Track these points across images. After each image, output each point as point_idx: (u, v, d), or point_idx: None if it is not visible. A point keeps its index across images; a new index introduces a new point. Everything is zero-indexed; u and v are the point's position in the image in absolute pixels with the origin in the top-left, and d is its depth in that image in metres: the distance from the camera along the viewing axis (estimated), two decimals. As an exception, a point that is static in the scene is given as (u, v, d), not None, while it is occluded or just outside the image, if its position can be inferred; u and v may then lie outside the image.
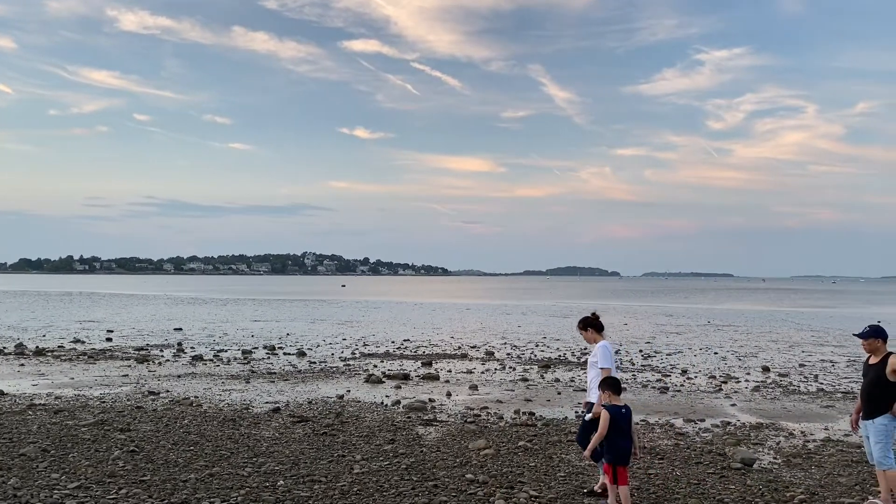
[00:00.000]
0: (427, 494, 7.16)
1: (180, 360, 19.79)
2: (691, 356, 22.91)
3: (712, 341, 28.58)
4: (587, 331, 7.69)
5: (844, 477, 8.23)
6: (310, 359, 20.54)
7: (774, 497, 7.31)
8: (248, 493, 7.13)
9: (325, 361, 19.91)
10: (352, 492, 7.22)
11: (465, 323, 38.74)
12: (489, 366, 19.47)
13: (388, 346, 24.97)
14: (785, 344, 27.78)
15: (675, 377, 17.69)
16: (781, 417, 12.32)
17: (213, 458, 8.55)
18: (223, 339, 26.73)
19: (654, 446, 9.73)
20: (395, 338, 28.22)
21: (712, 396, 14.70)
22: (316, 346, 24.28)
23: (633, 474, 8.12)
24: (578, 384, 16.10)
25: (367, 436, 10.04)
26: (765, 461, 8.98)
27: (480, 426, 11.00)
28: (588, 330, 7.68)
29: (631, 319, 43.65)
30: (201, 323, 35.90)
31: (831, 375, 18.34)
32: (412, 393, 14.40)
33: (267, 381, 15.94)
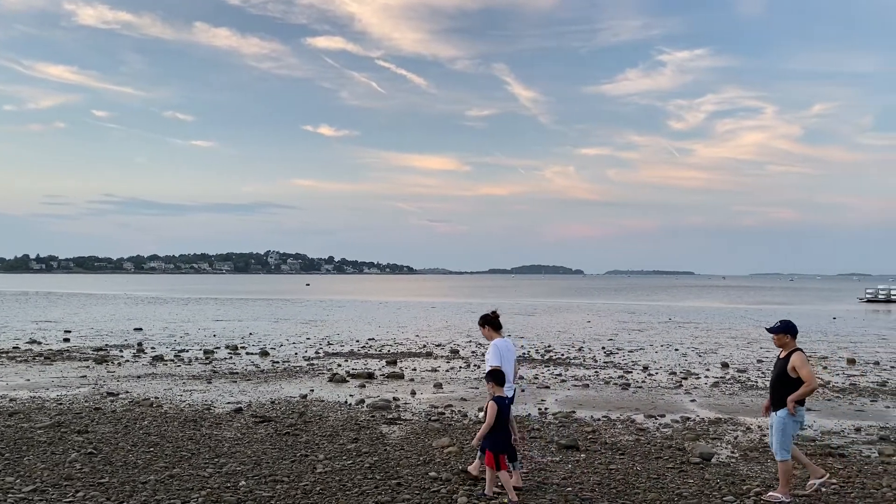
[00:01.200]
0: (390, 493, 7.16)
1: (140, 361, 19.48)
2: (653, 353, 23.24)
3: (673, 338, 29.03)
4: (485, 328, 7.96)
5: (798, 470, 8.42)
6: (273, 358, 20.38)
7: (731, 490, 7.46)
8: (209, 493, 7.06)
9: (288, 361, 19.77)
10: (314, 491, 7.19)
11: (431, 321, 38.78)
12: (454, 364, 19.51)
13: (353, 345, 24.88)
14: (744, 340, 28.33)
15: (637, 374, 17.93)
16: (739, 412, 12.57)
17: (173, 460, 8.44)
18: (184, 339, 26.37)
19: (615, 442, 9.86)
20: (359, 337, 28.13)
21: (673, 392, 14.93)
22: (279, 346, 24.09)
23: (594, 470, 8.24)
24: (542, 381, 16.23)
25: (331, 435, 10.00)
26: (723, 455, 9.16)
27: (445, 424, 11.03)
28: (485, 327, 7.94)
29: (594, 317, 44.11)
30: (162, 323, 35.37)
31: (788, 371, 18.73)
32: (376, 392, 14.38)
33: (229, 381, 15.78)
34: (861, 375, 17.94)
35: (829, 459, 8.97)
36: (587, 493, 7.31)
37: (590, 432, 10.51)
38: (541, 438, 10.02)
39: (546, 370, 18.40)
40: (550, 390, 15.02)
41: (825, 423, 11.68)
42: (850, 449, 9.65)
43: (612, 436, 10.33)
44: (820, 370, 18.96)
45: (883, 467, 8.57)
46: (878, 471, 8.39)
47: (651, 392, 14.96)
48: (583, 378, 16.89)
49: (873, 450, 9.60)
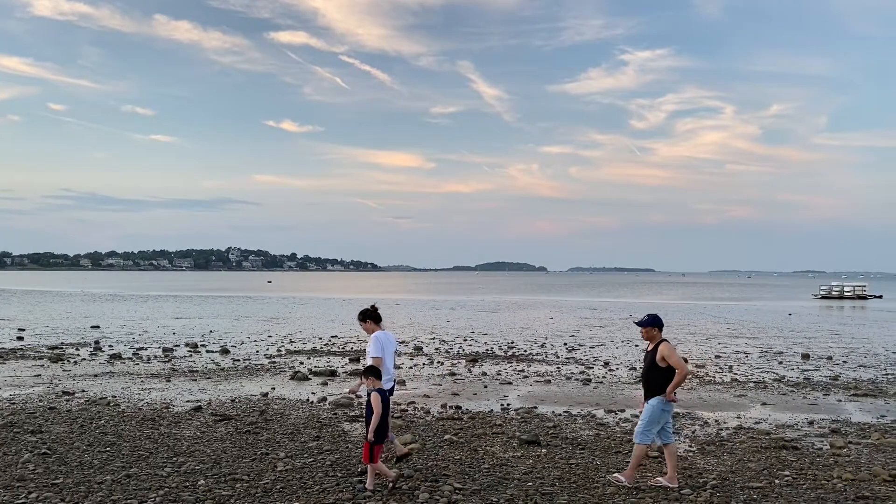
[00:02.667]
0: (351, 490, 7.14)
1: (97, 359, 19.10)
2: (613, 348, 23.53)
3: (633, 334, 29.40)
4: (366, 322, 8.12)
5: (754, 462, 8.62)
6: (234, 356, 20.14)
7: (688, 483, 7.59)
8: (167, 493, 6.96)
9: (249, 359, 19.57)
10: (275, 489, 7.13)
11: (394, 318, 38.70)
12: (417, 361, 19.52)
13: (315, 342, 24.72)
14: (702, 336, 28.84)
15: (598, 369, 18.13)
16: (697, 407, 12.80)
17: (130, 459, 8.30)
18: (143, 337, 25.93)
19: (576, 437, 9.96)
20: (322, 334, 27.97)
21: (633, 387, 15.13)
22: (240, 344, 23.83)
23: (555, 464, 8.31)
24: (505, 377, 16.32)
25: (292, 433, 9.93)
26: (680, 449, 9.31)
27: (407, 421, 11.03)
28: (367, 321, 8.11)
29: (557, 313, 44.49)
30: (120, 320, 34.72)
31: (745, 366, 19.14)
32: (339, 389, 14.31)
33: (189, 379, 15.56)
34: (815, 370, 18.39)
35: (783, 452, 9.19)
36: (548, 487, 7.37)
37: (551, 427, 10.60)
38: (503, 434, 10.08)
39: (509, 366, 18.51)
40: (513, 386, 15.11)
41: (780, 416, 11.96)
42: (802, 442, 9.89)
43: (573, 431, 10.43)
44: (776, 365, 19.40)
45: (834, 459, 8.80)
46: (829, 462, 8.62)
47: (611, 387, 15.14)
48: (545, 374, 17.03)
49: (825, 442, 9.85)
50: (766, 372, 17.93)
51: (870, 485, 7.58)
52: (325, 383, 15.10)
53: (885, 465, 8.40)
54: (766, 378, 16.76)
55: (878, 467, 8.26)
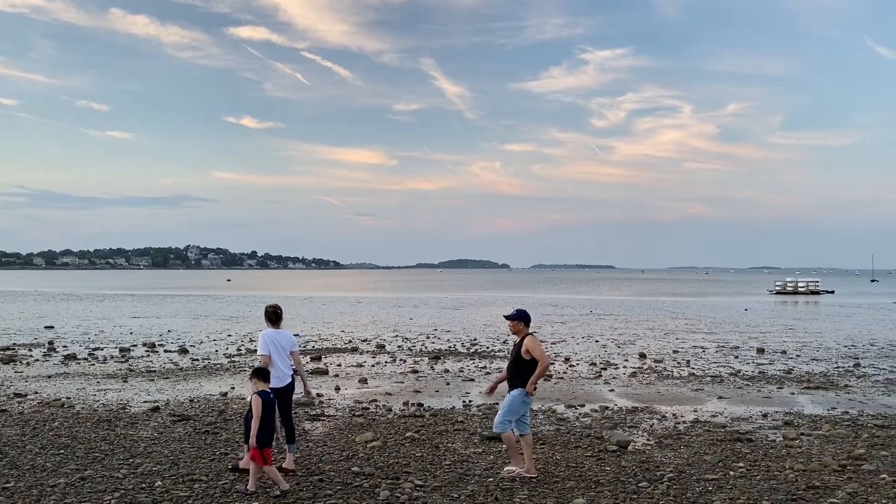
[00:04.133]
0: (312, 489, 7.10)
1: (51, 360, 18.67)
2: (574, 344, 23.78)
3: (594, 330, 29.76)
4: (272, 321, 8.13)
5: (710, 455, 8.79)
6: (192, 356, 19.87)
7: (646, 476, 7.72)
8: (123, 495, 6.84)
9: (208, 358, 19.32)
10: (234, 489, 7.05)
11: (357, 317, 38.56)
12: (380, 359, 19.47)
13: (276, 340, 24.46)
14: (661, 331, 29.29)
15: (559, 365, 18.30)
16: (655, 401, 13.00)
17: (85, 461, 8.14)
18: (99, 337, 25.42)
19: (536, 432, 10.04)
20: (283, 332, 27.69)
21: (592, 383, 15.32)
22: (199, 343, 23.51)
23: (459, 459, 8.36)
24: (467, 374, 16.38)
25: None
26: (639, 443, 9.46)
27: (369, 419, 11.00)
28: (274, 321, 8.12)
29: (519, 310, 44.73)
30: (75, 320, 33.98)
31: (702, 361, 19.50)
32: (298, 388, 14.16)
33: (146, 379, 15.30)
34: (769, 364, 18.82)
35: (738, 444, 9.38)
36: (508, 483, 7.42)
37: (512, 423, 10.66)
38: (464, 430, 10.12)
39: (471, 363, 18.58)
40: (475, 383, 15.17)
41: (735, 409, 12.21)
42: (757, 434, 10.12)
43: (533, 426, 10.49)
44: (732, 359, 19.80)
45: (786, 450, 9.02)
46: (782, 454, 8.83)
47: (572, 383, 15.30)
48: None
49: (778, 434, 10.09)
50: (723, 366, 18.29)
51: (820, 475, 7.79)
52: (285, 382, 14.96)
53: (834, 456, 8.64)
54: (722, 372, 17.10)
55: (829, 457, 8.50)
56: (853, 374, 16.82)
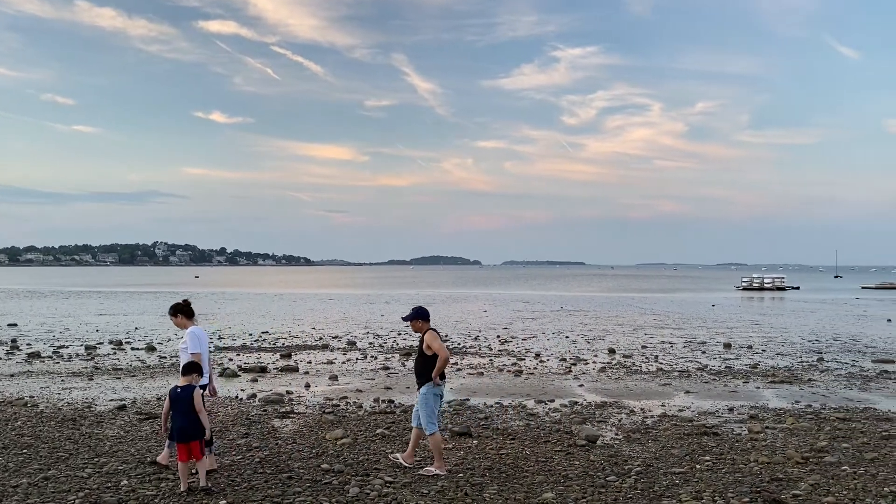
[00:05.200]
0: (281, 486, 7.06)
1: (14, 358, 18.30)
2: (545, 340, 23.92)
3: (564, 326, 29.96)
4: (177, 317, 7.98)
5: (677, 449, 8.91)
6: (160, 353, 19.62)
7: (614, 470, 7.79)
8: (88, 494, 6.74)
9: (176, 356, 19.06)
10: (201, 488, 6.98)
11: (328, 313, 38.38)
12: (351, 356, 19.40)
13: (245, 338, 24.31)
14: (630, 327, 29.58)
15: (529, 361, 18.40)
16: (624, 396, 13.14)
17: (49, 461, 7.99)
18: (64, 335, 24.99)
19: (506, 427, 10.09)
20: (252, 330, 27.50)
21: (562, 378, 15.42)
22: (167, 341, 23.23)
23: (485, 455, 8.40)
24: (437, 371, 16.38)
25: (220, 431, 9.73)
26: (607, 437, 9.55)
27: (339, 416, 10.96)
28: (178, 316, 7.97)
29: (490, 306, 44.90)
30: (39, 318, 33.34)
31: (669, 356, 19.73)
32: (269, 386, 14.11)
33: (112, 377, 15.08)
34: (735, 359, 19.11)
35: (705, 438, 9.52)
36: (478, 478, 7.45)
37: (482, 419, 10.71)
38: (434, 427, 10.12)
39: (442, 360, 18.57)
40: (446, 379, 15.15)
41: (702, 404, 12.38)
42: (723, 428, 10.27)
43: (503, 421, 10.56)
44: (699, 354, 20.07)
45: (751, 444, 9.18)
46: (747, 447, 8.98)
47: (542, 378, 15.39)
48: (477, 366, 17.18)
49: (744, 428, 10.26)
50: (690, 361, 18.54)
51: (784, 467, 7.94)
52: (254, 380, 14.87)
53: (797, 448, 8.81)
54: (689, 367, 17.32)
55: (792, 450, 8.66)
56: (817, 369, 17.14)
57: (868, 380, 15.36)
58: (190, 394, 6.87)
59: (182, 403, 6.85)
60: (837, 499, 6.75)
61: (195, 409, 6.84)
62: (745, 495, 6.86)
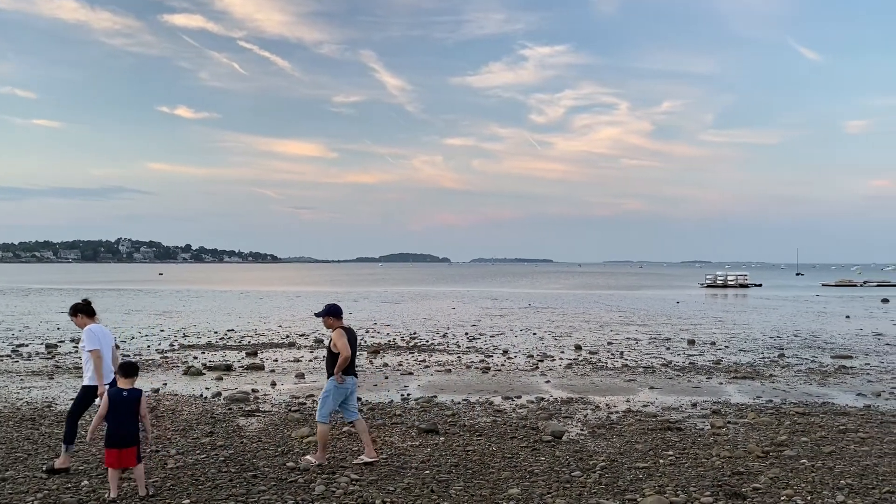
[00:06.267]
0: (245, 485, 7.00)
1: (-30, 358, 17.86)
2: (512, 337, 24.03)
3: (532, 323, 30.12)
4: (77, 316, 7.87)
5: (641, 444, 9.02)
6: (123, 352, 19.28)
7: (579, 466, 7.87)
8: (47, 496, 6.61)
9: (140, 354, 18.80)
10: (164, 487, 6.90)
11: (295, 311, 38.10)
12: (318, 353, 19.27)
13: (211, 336, 24.02)
14: (596, 324, 29.85)
15: (497, 357, 18.48)
16: (590, 392, 13.26)
17: (6, 462, 7.83)
18: (24, 333, 24.45)
19: (473, 424, 10.12)
20: (217, 328, 27.19)
21: (529, 374, 15.52)
22: (130, 339, 22.87)
23: (452, 452, 8.41)
24: (406, 368, 16.38)
25: (184, 429, 9.63)
26: (573, 433, 9.63)
27: (305, 414, 10.89)
28: (78, 315, 7.86)
29: (459, 304, 44.97)
30: (-3, 316, 32.58)
31: (635, 352, 19.96)
32: (234, 384, 13.98)
33: (74, 376, 14.80)
34: (699, 355, 19.40)
35: (668, 433, 9.65)
36: (444, 475, 7.47)
37: (450, 416, 10.73)
38: (402, 424, 10.12)
39: (410, 357, 18.58)
40: (414, 376, 15.19)
41: (666, 399, 12.55)
42: (686, 423, 10.42)
43: (470, 418, 10.60)
44: (664, 351, 20.33)
45: (714, 438, 9.33)
46: (710, 442, 9.13)
47: (509, 375, 15.47)
48: (445, 363, 17.20)
49: (706, 423, 10.43)
50: (655, 357, 18.77)
51: (745, 461, 8.09)
52: (220, 378, 14.72)
53: (758, 443, 8.98)
54: (654, 363, 17.54)
55: (753, 444, 8.82)
56: (778, 364, 17.48)
57: (827, 375, 15.70)
58: (137, 397, 6.71)
59: (127, 407, 6.63)
60: (796, 491, 6.90)
61: (141, 413, 6.70)
62: (707, 489, 6.98)
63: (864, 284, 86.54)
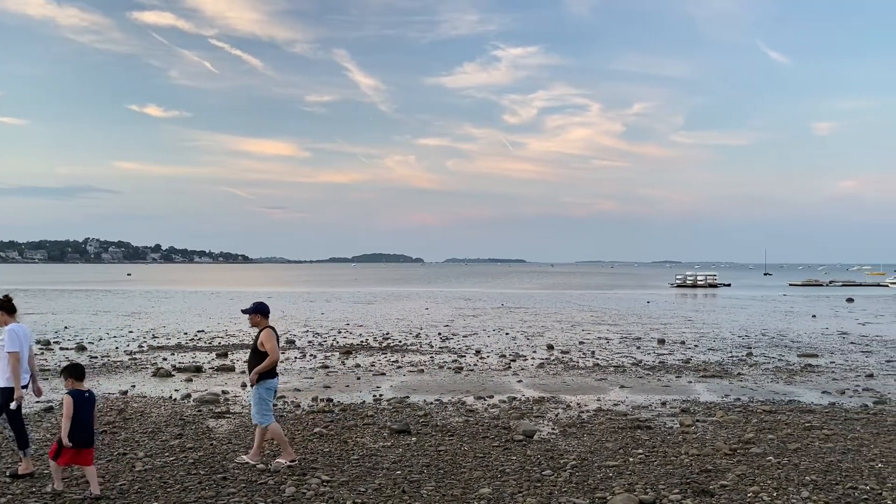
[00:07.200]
0: (215, 487, 6.93)
1: (-68, 360, 17.45)
2: (485, 337, 24.09)
3: (505, 323, 30.22)
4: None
5: (611, 442, 9.10)
6: (90, 353, 19.01)
7: (550, 465, 7.91)
8: (10, 500, 6.48)
9: (108, 356, 18.53)
10: (132, 490, 6.81)
11: (266, 311, 37.78)
12: (289, 354, 19.16)
13: (181, 337, 23.75)
14: (568, 323, 30.04)
15: (470, 357, 18.51)
16: (561, 391, 13.34)
17: (-32, 467, 7.66)
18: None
19: (445, 424, 10.13)
20: (187, 329, 26.89)
21: (502, 374, 15.57)
22: (98, 340, 22.52)
23: (424, 452, 8.41)
24: (379, 368, 16.34)
25: (153, 431, 9.51)
26: (544, 432, 9.68)
27: (276, 415, 10.79)
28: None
29: (432, 304, 44.96)
30: (-40, 317, 31.86)
31: (606, 351, 20.12)
32: (204, 385, 13.84)
33: (39, 378, 14.50)
34: (669, 354, 19.61)
35: (638, 432, 9.75)
36: (416, 475, 7.46)
37: (422, 416, 10.72)
38: (374, 424, 10.10)
39: (383, 357, 18.54)
40: (386, 377, 15.15)
41: (636, 398, 12.67)
42: (655, 421, 10.53)
43: (443, 418, 10.60)
44: (635, 350, 20.52)
45: (682, 436, 9.44)
46: (679, 440, 9.24)
47: (482, 374, 15.51)
48: (418, 364, 17.19)
49: (675, 421, 10.54)
50: (626, 356, 18.94)
51: (713, 459, 8.19)
52: (189, 380, 14.55)
53: (726, 441, 9.10)
54: (625, 362, 17.70)
55: (721, 442, 8.95)
56: (746, 363, 17.73)
57: (793, 373, 15.97)
58: (94, 399, 6.74)
59: (89, 408, 6.67)
60: (762, 488, 7.00)
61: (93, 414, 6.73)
62: (676, 487, 7.06)
63: (829, 284, 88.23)
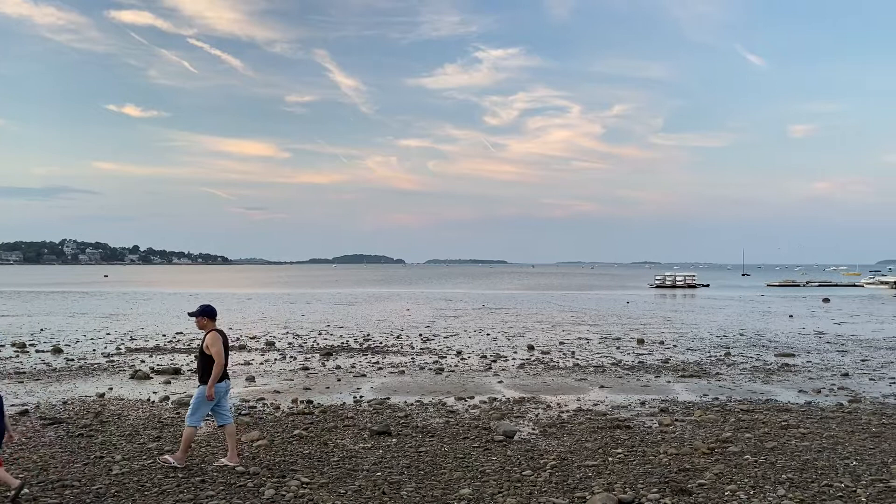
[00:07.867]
0: (193, 490, 6.88)
1: None
2: (466, 338, 24.10)
3: (486, 323, 30.27)
4: None
5: (591, 442, 9.15)
6: (67, 356, 18.78)
7: (530, 465, 7.94)
8: (-16, 506, 6.40)
9: (84, 358, 18.32)
10: (109, 494, 6.74)
11: (246, 313, 37.59)
12: (269, 356, 19.06)
13: (159, 339, 23.54)
14: (549, 324, 30.15)
15: (451, 358, 18.52)
16: (541, 391, 13.39)
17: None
18: (-39, 338, 23.57)
19: (426, 425, 10.13)
20: (166, 331, 26.65)
21: (483, 375, 15.59)
22: (75, 342, 22.26)
23: (404, 453, 8.40)
24: (359, 370, 16.30)
25: (130, 434, 9.42)
26: (524, 432, 9.71)
27: (255, 418, 10.76)
28: None
29: (413, 305, 44.92)
30: (-67, 320, 31.36)
31: (586, 352, 20.22)
32: (183, 388, 13.72)
33: (14, 381, 14.35)
34: (648, 354, 19.74)
35: (618, 431, 9.80)
36: (396, 476, 7.46)
37: (402, 417, 10.71)
38: (354, 426, 10.07)
39: (364, 358, 18.50)
40: (367, 378, 15.12)
41: (616, 398, 12.75)
42: (635, 421, 10.60)
43: (423, 419, 10.60)
44: (614, 350, 20.64)
45: (661, 436, 9.51)
46: (658, 439, 9.30)
47: (463, 375, 15.52)
48: (399, 365, 17.17)
49: (654, 421, 10.62)
50: (605, 357, 19.04)
51: (691, 458, 8.26)
52: (167, 382, 14.43)
53: (704, 440, 9.18)
54: (604, 362, 17.79)
55: (699, 441, 9.03)
56: (724, 363, 17.90)
57: (770, 373, 16.14)
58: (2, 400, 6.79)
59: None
60: (739, 486, 7.07)
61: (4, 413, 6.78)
62: (654, 486, 7.11)
63: (806, 284, 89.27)
